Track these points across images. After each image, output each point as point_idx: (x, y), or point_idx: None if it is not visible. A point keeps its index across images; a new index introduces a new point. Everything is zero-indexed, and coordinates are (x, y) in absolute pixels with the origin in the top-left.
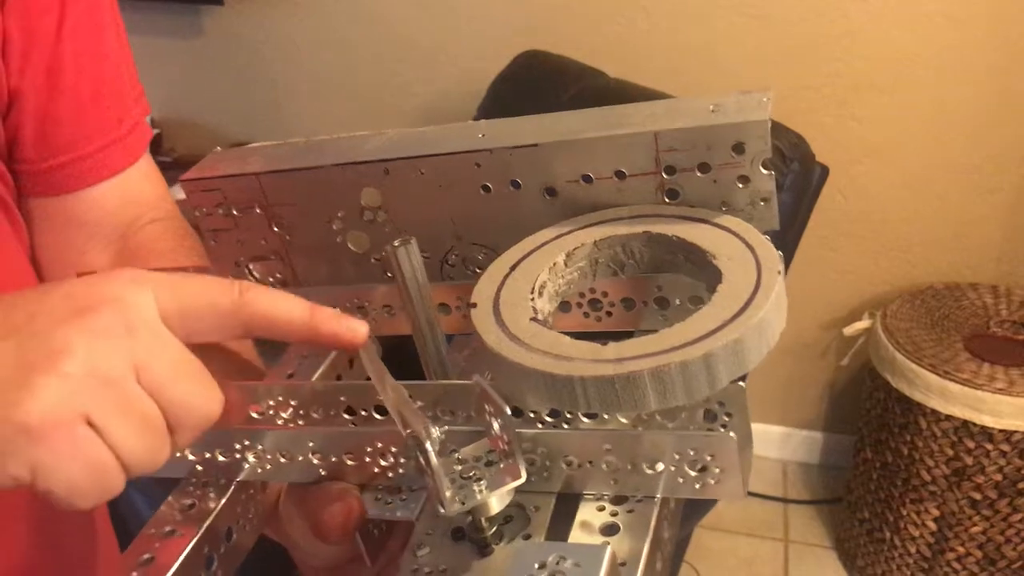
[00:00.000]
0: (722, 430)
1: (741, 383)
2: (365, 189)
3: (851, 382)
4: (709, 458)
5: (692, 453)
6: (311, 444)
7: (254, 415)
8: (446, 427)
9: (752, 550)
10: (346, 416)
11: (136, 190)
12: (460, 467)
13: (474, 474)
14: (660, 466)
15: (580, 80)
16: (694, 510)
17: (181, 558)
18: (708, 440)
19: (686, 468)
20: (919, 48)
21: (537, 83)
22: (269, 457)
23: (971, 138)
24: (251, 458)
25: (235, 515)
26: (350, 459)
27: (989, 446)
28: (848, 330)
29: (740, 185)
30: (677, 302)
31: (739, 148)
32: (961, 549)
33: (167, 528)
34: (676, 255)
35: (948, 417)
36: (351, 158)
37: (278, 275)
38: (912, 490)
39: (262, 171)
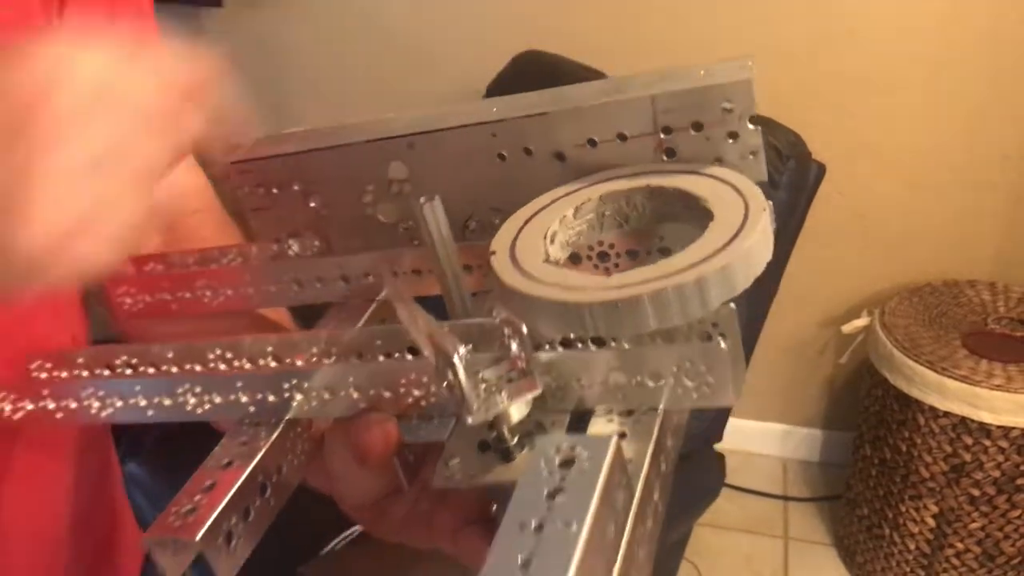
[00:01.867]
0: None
1: (732, 306)
2: (392, 163)
3: (850, 379)
4: (704, 368)
5: (689, 365)
6: (351, 379)
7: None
8: (471, 345)
9: (752, 547)
10: (382, 359)
11: (181, 182)
12: (483, 384)
13: (496, 388)
14: (662, 380)
15: (579, 79)
16: (694, 507)
17: (239, 482)
18: (704, 351)
19: (685, 380)
20: (915, 48)
21: (536, 83)
22: (314, 395)
23: (967, 137)
24: (298, 396)
25: (285, 450)
26: (387, 392)
27: (987, 442)
28: (846, 328)
29: (730, 141)
30: (679, 250)
31: (727, 108)
32: (960, 545)
33: (224, 461)
34: (675, 205)
35: (946, 413)
36: (379, 135)
37: (316, 245)
38: (911, 487)
39: (298, 151)
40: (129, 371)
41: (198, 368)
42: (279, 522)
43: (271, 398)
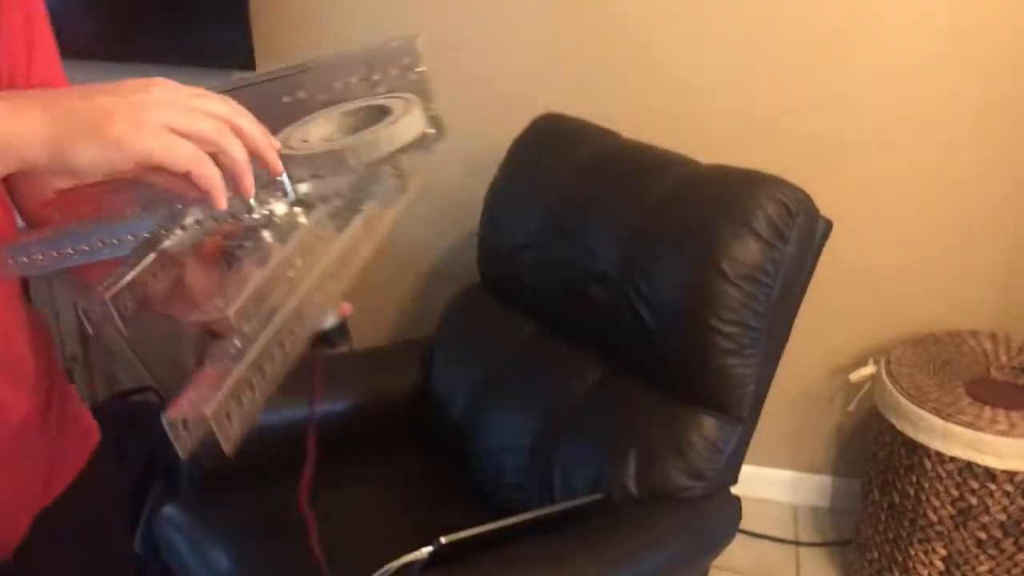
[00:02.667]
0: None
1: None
2: None
3: (858, 427)
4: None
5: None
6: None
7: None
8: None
9: None
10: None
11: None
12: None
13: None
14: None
15: (594, 140)
16: (711, 547)
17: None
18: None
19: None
20: (915, 111)
21: (554, 143)
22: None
23: (966, 195)
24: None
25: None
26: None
27: (992, 486)
28: (854, 376)
29: (411, 77)
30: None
31: (406, 62)
32: None
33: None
34: (377, 112)
35: (952, 458)
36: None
37: None
38: (919, 530)
39: None
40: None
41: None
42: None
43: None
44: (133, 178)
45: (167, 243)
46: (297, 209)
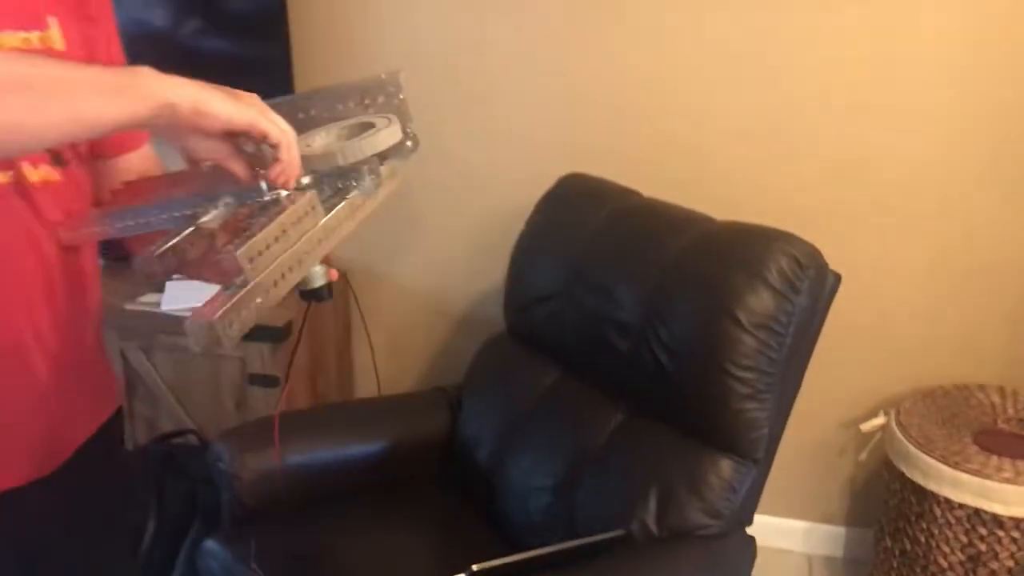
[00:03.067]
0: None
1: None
2: None
3: (870, 477)
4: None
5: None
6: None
7: None
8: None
9: None
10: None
11: (150, 159)
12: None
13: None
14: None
15: (617, 198)
16: None
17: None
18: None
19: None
20: (921, 172)
21: (579, 200)
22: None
23: (972, 252)
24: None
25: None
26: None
27: (1001, 533)
28: (865, 427)
29: (395, 102)
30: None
31: (392, 89)
32: None
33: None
34: (367, 127)
35: (961, 505)
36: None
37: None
38: None
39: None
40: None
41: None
42: None
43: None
44: (212, 162)
45: (204, 219)
46: (298, 192)
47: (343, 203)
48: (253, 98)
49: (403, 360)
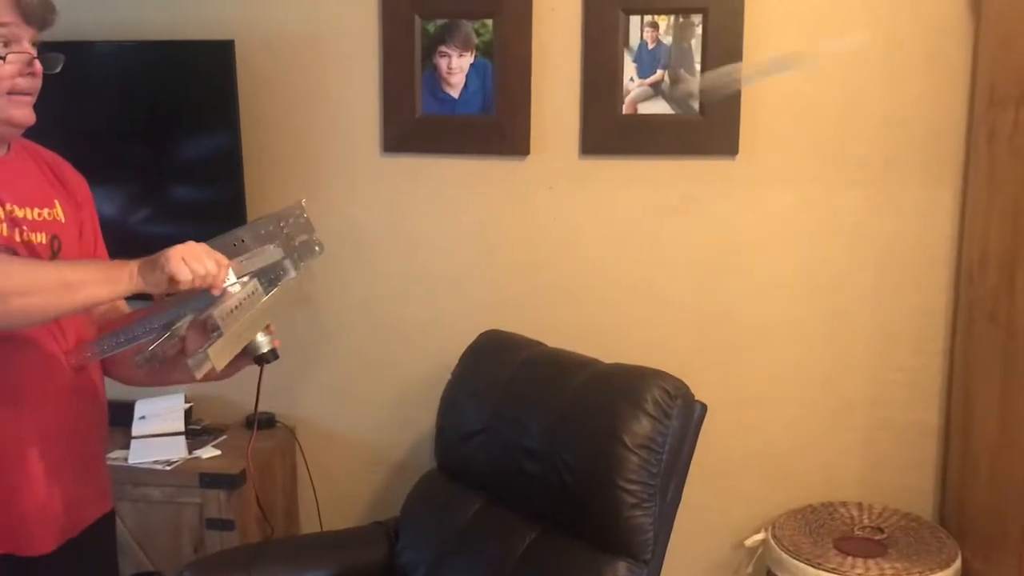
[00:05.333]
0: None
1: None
2: None
3: None
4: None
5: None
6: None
7: None
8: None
9: None
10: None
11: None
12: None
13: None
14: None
15: (526, 348)
16: None
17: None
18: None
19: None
20: (775, 325)
21: (495, 353)
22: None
23: (826, 390)
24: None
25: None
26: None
27: None
28: (748, 542)
29: (302, 221)
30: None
31: (297, 214)
32: None
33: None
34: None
35: None
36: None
37: None
38: None
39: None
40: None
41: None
42: None
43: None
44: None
45: (176, 326)
46: (241, 288)
47: (274, 290)
48: (190, 248)
49: (344, 501)
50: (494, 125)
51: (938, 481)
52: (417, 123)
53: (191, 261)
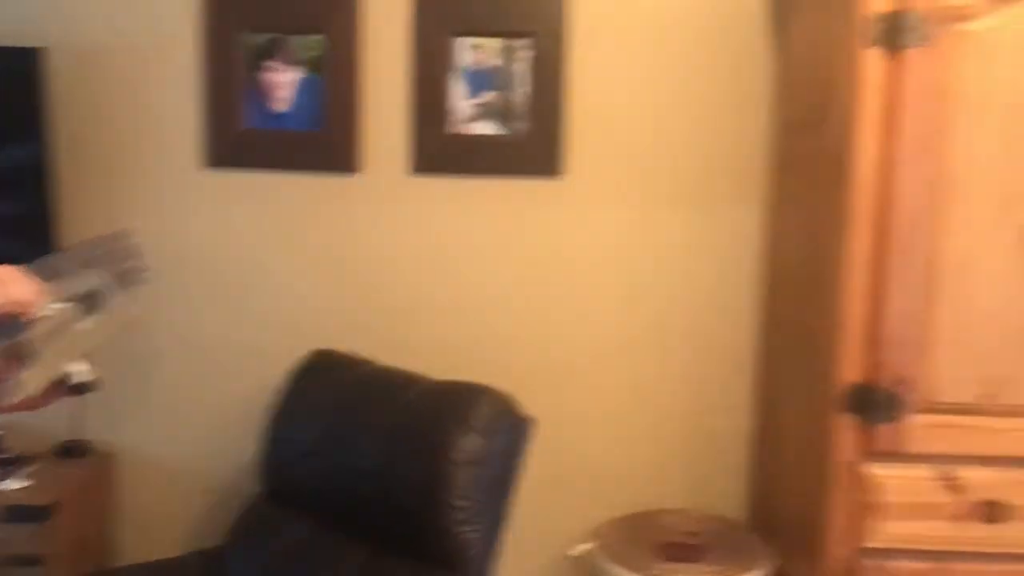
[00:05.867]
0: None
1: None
2: None
3: None
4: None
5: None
6: None
7: None
8: None
9: None
10: None
11: None
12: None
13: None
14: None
15: (357, 367)
16: None
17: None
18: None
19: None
20: (598, 343)
21: (324, 372)
22: None
23: (647, 402)
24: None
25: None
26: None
27: None
28: (575, 552)
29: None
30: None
31: (119, 244)
32: None
33: None
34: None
35: None
36: None
37: None
38: None
39: None
40: None
41: None
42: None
43: None
44: None
45: None
46: (58, 314)
47: (96, 316)
48: (4, 271)
49: (167, 530)
50: (324, 141)
51: (750, 486)
52: (241, 137)
53: (6, 284)
